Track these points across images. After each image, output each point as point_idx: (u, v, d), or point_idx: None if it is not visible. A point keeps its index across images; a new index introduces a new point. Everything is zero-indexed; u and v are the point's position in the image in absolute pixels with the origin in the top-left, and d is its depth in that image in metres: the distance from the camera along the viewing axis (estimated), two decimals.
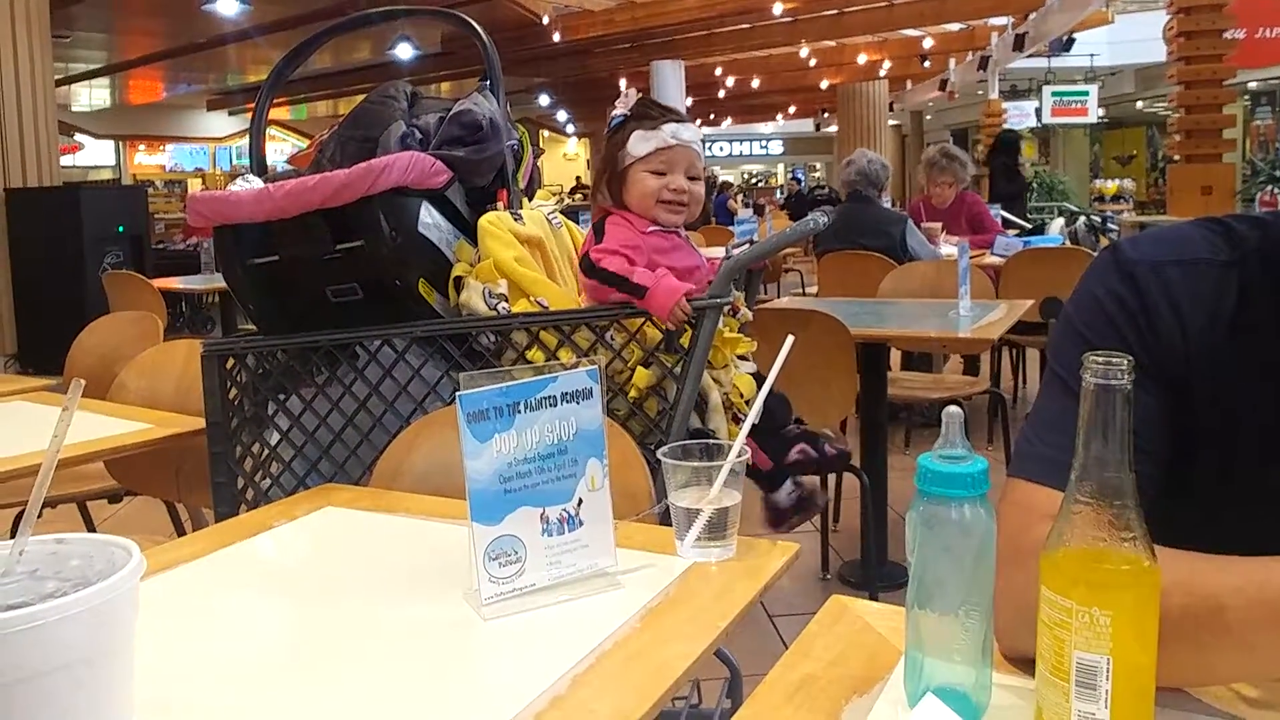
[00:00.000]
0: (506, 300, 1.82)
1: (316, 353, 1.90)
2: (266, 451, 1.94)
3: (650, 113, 1.94)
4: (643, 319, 1.78)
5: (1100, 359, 0.69)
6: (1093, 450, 0.69)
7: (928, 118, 24.50)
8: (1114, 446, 0.69)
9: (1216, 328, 0.92)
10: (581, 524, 1.07)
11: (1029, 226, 7.04)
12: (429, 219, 1.86)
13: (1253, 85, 15.63)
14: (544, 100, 18.65)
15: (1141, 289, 0.94)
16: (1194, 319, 0.93)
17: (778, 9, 11.41)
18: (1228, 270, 0.94)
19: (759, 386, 1.66)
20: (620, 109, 1.96)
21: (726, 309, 1.81)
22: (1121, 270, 0.96)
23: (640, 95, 1.99)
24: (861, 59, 15.92)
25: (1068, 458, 0.83)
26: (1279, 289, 0.92)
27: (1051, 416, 0.95)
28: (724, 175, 22.66)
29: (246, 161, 2.17)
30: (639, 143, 1.91)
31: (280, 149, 18.01)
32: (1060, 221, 8.40)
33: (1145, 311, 0.94)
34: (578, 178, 23.06)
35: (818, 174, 29.08)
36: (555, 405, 1.05)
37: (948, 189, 5.72)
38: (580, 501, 1.07)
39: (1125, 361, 0.68)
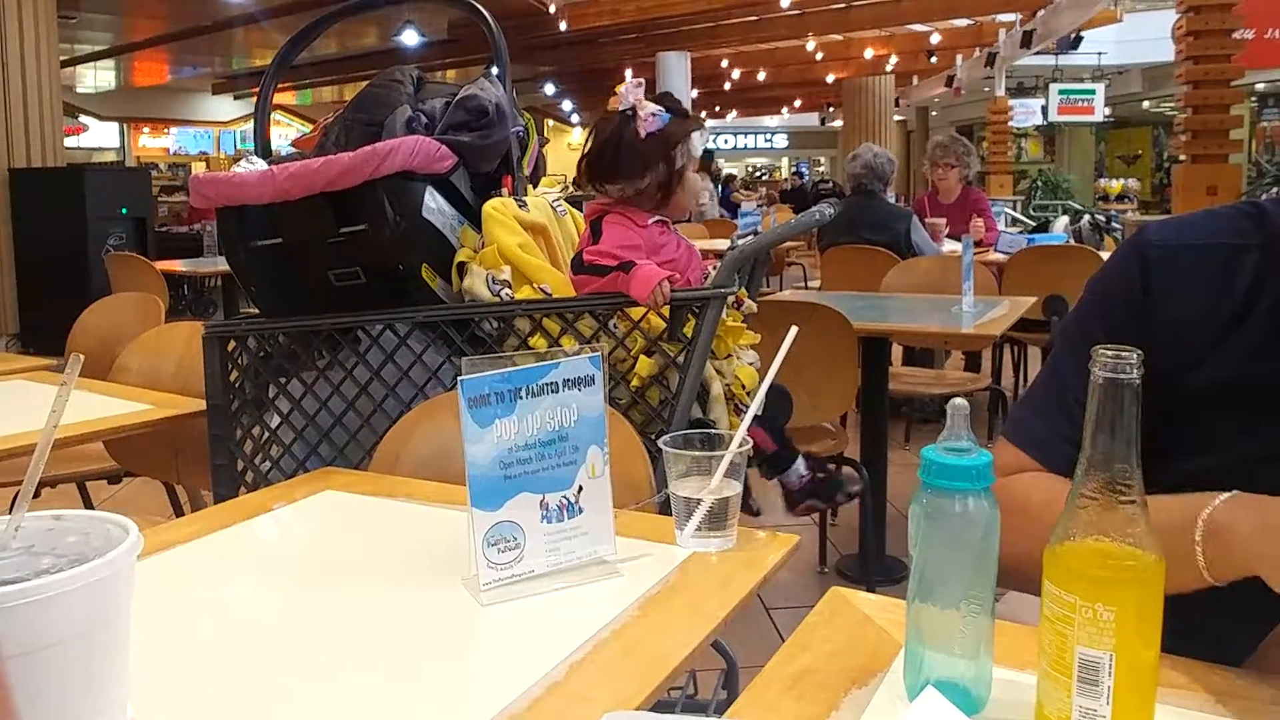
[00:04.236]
0: (510, 286, 1.82)
1: (318, 336, 1.89)
2: (266, 434, 1.93)
3: (688, 111, 1.95)
4: (646, 308, 1.77)
5: (1110, 353, 0.68)
6: (1099, 445, 0.68)
7: (933, 114, 24.44)
8: (1121, 441, 0.68)
9: (1220, 311, 0.95)
10: (581, 511, 1.06)
11: None
12: (433, 204, 1.85)
13: (1260, 87, 15.58)
14: (549, 89, 18.60)
15: (1150, 272, 0.98)
16: (1196, 303, 0.95)
17: (785, 1, 11.38)
18: (1244, 254, 0.96)
19: (761, 378, 1.65)
20: (650, 108, 1.88)
21: (730, 300, 1.80)
22: (1139, 252, 1.00)
23: (663, 92, 1.98)
24: (868, 54, 15.87)
25: (1025, 414, 1.05)
26: None
27: (1037, 379, 1.08)
28: (728, 168, 22.58)
29: (251, 146, 2.16)
30: (698, 142, 1.92)
31: (285, 134, 17.96)
32: (1065, 220, 8.39)
33: (1147, 295, 0.97)
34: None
35: (822, 168, 29.04)
36: (557, 391, 1.05)
37: (951, 171, 5.51)
38: (580, 489, 1.06)
39: (1135, 356, 0.68)
